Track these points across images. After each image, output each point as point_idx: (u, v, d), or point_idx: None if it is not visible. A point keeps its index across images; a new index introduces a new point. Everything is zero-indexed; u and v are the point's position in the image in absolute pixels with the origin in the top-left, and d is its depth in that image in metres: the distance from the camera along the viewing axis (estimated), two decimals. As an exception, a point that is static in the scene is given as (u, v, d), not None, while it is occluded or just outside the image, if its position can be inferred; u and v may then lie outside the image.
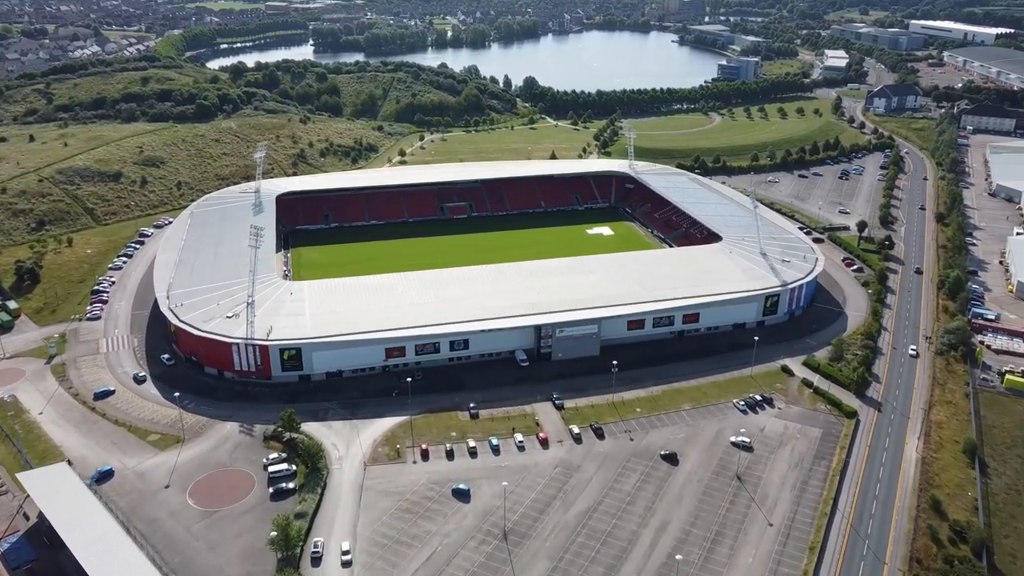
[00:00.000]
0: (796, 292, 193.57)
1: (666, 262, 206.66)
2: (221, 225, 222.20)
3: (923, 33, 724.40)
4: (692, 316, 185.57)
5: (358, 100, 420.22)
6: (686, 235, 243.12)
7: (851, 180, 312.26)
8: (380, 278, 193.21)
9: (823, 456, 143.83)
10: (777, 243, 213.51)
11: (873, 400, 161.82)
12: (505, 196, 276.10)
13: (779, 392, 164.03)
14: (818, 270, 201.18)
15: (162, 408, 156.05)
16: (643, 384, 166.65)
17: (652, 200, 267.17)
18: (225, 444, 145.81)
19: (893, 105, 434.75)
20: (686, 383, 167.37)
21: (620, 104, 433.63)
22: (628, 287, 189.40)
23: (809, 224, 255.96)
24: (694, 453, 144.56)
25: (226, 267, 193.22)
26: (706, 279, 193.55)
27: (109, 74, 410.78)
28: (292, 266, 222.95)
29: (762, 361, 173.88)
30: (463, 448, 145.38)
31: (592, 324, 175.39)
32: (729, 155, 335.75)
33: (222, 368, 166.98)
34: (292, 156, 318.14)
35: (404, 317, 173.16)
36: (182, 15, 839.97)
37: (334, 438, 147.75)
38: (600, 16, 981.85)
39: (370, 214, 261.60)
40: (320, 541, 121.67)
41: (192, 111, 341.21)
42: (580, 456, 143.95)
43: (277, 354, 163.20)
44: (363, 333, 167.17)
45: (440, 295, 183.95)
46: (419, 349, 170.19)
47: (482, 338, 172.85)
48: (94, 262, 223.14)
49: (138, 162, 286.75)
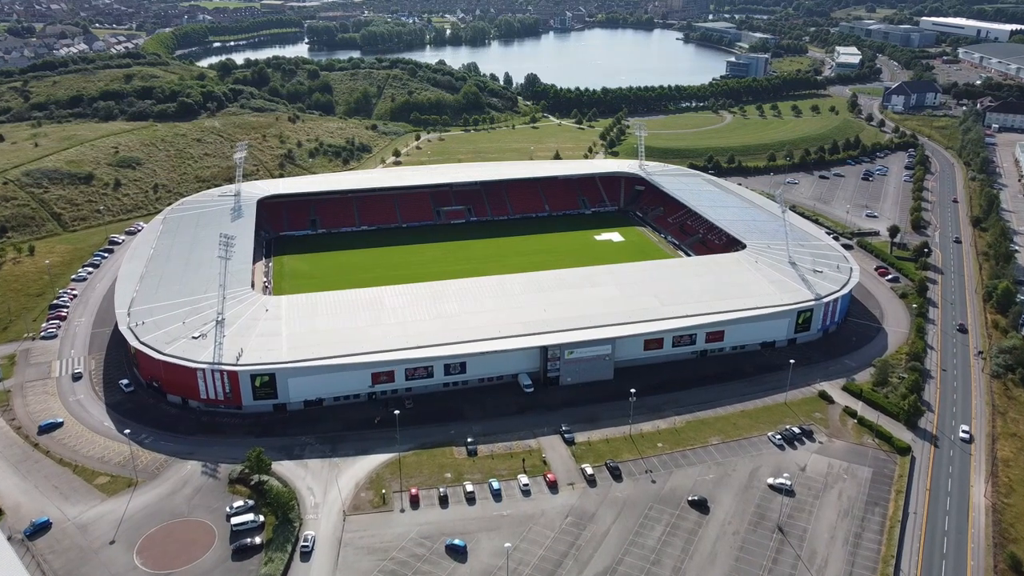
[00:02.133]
0: (831, 306, 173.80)
1: (685, 273, 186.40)
2: (195, 232, 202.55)
3: (934, 30, 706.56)
4: (716, 334, 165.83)
5: (351, 98, 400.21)
6: (703, 241, 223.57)
7: (875, 181, 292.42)
8: (367, 292, 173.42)
9: (877, 502, 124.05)
10: (807, 251, 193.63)
11: (927, 432, 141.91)
12: (506, 199, 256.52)
13: (819, 423, 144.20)
14: (854, 281, 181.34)
15: (115, 443, 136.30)
16: (663, 413, 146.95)
17: (665, 203, 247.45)
18: (183, 488, 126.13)
19: (912, 102, 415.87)
20: (712, 412, 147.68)
21: (626, 102, 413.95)
22: (644, 301, 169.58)
23: (835, 229, 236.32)
24: (727, 498, 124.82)
25: (196, 280, 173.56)
26: (731, 292, 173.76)
27: (91, 71, 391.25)
28: (273, 277, 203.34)
29: (796, 385, 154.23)
30: (459, 493, 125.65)
31: (605, 344, 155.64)
32: (744, 155, 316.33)
33: (186, 396, 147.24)
34: (279, 157, 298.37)
35: (393, 337, 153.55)
36: (175, 13, 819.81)
37: (310, 480, 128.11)
38: (602, 14, 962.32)
39: (361, 219, 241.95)
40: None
41: (174, 109, 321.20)
42: (595, 502, 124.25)
43: (248, 381, 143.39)
44: (346, 356, 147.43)
45: (434, 311, 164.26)
46: (410, 374, 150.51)
47: (481, 361, 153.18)
48: (56, 273, 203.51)
49: (112, 163, 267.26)
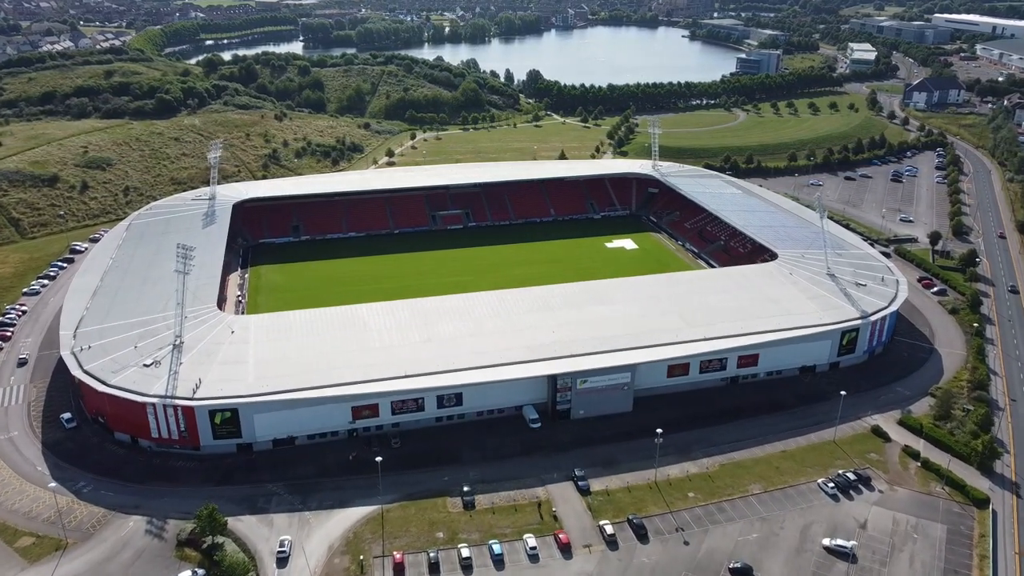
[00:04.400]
0: (878, 325, 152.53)
1: (712, 287, 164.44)
2: (161, 241, 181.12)
3: (948, 27, 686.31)
4: (750, 358, 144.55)
5: (344, 95, 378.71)
6: (725, 249, 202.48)
7: (906, 182, 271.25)
8: (350, 310, 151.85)
9: (957, 569, 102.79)
10: (846, 261, 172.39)
11: (1005, 479, 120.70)
12: (508, 202, 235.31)
13: (876, 466, 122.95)
14: (902, 296, 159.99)
15: (47, 493, 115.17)
16: (693, 454, 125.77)
17: (682, 207, 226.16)
18: (122, 552, 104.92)
19: (934, 100, 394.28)
20: (750, 452, 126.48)
21: (634, 99, 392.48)
22: (667, 320, 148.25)
23: (869, 235, 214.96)
24: (775, 565, 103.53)
25: (155, 296, 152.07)
26: (765, 309, 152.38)
27: (69, 68, 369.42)
28: (248, 291, 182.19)
29: (844, 418, 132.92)
30: (453, 558, 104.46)
31: (623, 372, 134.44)
32: (762, 154, 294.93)
33: (135, 435, 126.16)
34: (263, 157, 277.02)
35: (379, 364, 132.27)
36: (166, 11, 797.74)
37: (274, 541, 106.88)
38: (605, 11, 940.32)
39: (348, 225, 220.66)
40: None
41: (152, 106, 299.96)
42: (617, 570, 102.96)
43: (206, 417, 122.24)
44: (323, 387, 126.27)
45: (426, 333, 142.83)
46: (397, 407, 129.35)
47: (480, 392, 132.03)
48: (6, 286, 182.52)
49: (80, 164, 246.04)
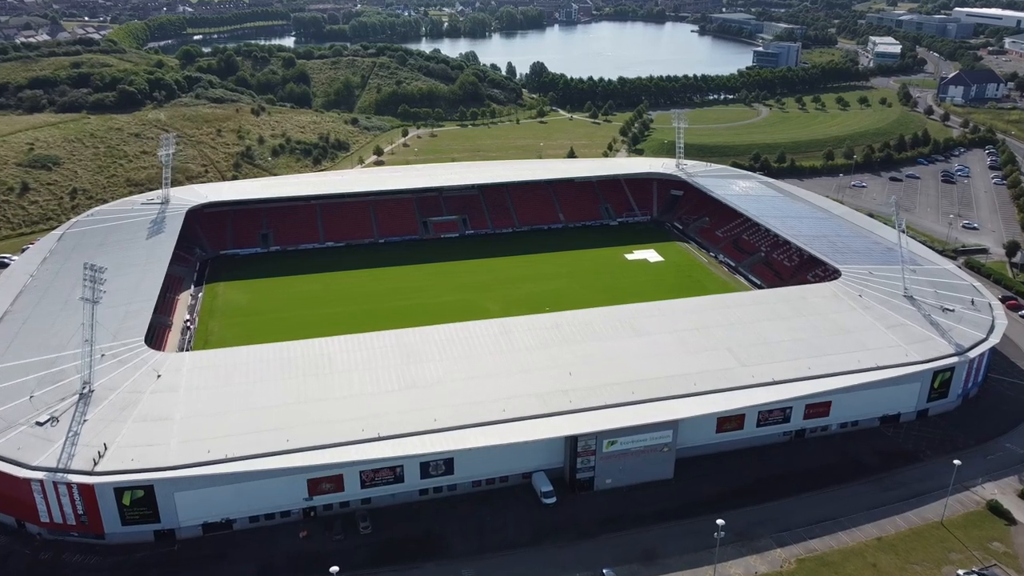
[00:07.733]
0: (975, 362, 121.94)
1: (764, 312, 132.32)
2: (95, 254, 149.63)
3: (971, 20, 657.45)
4: (820, 407, 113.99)
5: (331, 89, 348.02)
6: (767, 262, 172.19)
7: (958, 184, 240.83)
8: (313, 345, 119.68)
9: None
10: (925, 280, 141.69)
11: None
12: (511, 206, 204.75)
13: (1005, 561, 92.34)
14: (1002, 324, 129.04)
15: None
16: (758, 543, 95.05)
17: (712, 211, 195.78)
18: None
19: (972, 94, 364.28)
20: (834, 539, 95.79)
21: (646, 93, 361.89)
22: (714, 358, 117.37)
23: (931, 245, 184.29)
24: None
25: (72, 327, 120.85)
26: (834, 342, 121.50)
27: (33, 59, 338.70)
28: (199, 314, 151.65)
29: (942, 487, 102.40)
30: None
31: (664, 429, 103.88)
32: (794, 152, 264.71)
33: (21, 518, 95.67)
34: (234, 155, 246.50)
35: (345, 419, 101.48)
36: (153, 5, 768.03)
37: None
38: (610, 6, 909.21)
39: (326, 233, 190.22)
40: None
41: (113, 99, 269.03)
42: None
43: (111, 497, 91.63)
44: (270, 455, 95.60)
45: (409, 376, 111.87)
46: (368, 478, 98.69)
47: (477, 457, 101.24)
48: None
49: (23, 163, 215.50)
